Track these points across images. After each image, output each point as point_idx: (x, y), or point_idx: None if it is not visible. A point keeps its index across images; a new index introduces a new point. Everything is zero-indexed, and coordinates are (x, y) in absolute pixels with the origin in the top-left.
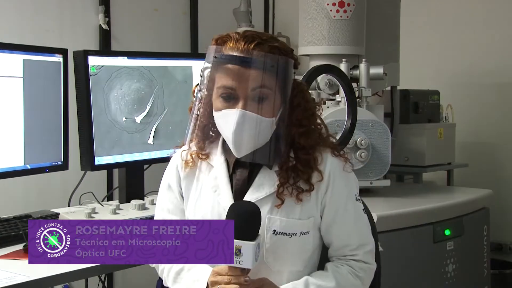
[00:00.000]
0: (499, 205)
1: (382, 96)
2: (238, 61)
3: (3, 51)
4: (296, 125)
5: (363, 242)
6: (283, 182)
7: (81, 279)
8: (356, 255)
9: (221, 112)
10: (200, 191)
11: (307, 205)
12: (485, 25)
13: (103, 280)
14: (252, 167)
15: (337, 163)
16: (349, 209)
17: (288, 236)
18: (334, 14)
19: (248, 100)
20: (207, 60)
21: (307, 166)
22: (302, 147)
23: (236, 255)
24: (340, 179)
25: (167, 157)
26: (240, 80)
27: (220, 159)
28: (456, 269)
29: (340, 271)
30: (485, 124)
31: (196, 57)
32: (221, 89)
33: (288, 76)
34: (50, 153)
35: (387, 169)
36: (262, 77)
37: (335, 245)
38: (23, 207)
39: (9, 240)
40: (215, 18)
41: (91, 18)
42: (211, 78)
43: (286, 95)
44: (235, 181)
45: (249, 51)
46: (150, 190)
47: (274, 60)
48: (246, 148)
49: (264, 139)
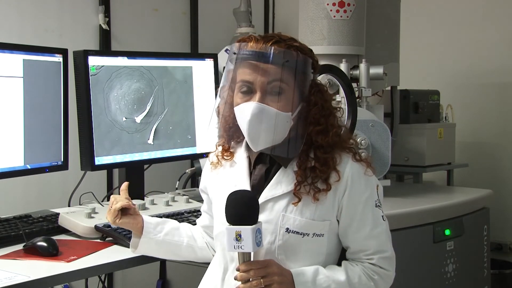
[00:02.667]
0: (499, 205)
1: (382, 96)
2: (255, 56)
3: (3, 51)
4: (313, 123)
5: (380, 249)
6: (300, 181)
7: (81, 279)
8: (372, 259)
9: (239, 106)
10: (224, 186)
11: (323, 207)
12: (485, 25)
13: (103, 280)
14: (271, 165)
15: (357, 167)
16: (367, 214)
17: (301, 236)
18: (334, 14)
19: (264, 94)
20: (229, 58)
21: (326, 165)
22: (320, 146)
23: (237, 240)
24: (359, 183)
25: (167, 157)
26: (257, 74)
27: (243, 155)
28: (456, 269)
29: (354, 269)
30: (485, 124)
31: (196, 57)
32: (240, 83)
33: (304, 73)
34: (50, 153)
35: (387, 169)
36: (277, 71)
37: (352, 249)
38: (23, 207)
39: (9, 240)
40: (215, 18)
41: (91, 18)
42: (233, 77)
43: (302, 91)
44: (253, 176)
45: (266, 47)
46: (150, 190)
47: (289, 55)
48: (262, 141)
49: (280, 133)
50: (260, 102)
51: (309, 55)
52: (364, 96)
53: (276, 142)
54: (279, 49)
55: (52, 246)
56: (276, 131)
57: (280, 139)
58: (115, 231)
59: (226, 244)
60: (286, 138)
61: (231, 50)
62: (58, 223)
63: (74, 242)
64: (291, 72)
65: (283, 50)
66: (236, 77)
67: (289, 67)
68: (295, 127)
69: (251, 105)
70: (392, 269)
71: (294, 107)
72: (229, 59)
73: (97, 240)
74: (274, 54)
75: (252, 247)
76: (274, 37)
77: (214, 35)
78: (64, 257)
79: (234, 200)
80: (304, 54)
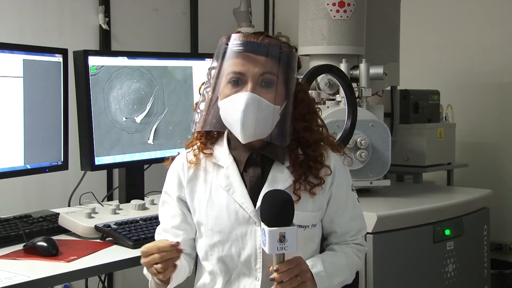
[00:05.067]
0: (499, 205)
1: (382, 96)
2: (247, 48)
3: (3, 51)
4: (300, 119)
5: (361, 228)
6: (297, 178)
7: (81, 279)
8: (356, 239)
9: (229, 97)
10: (211, 191)
11: (318, 198)
12: (485, 25)
13: (103, 280)
14: (263, 165)
15: (338, 157)
16: (350, 199)
17: (303, 228)
18: (334, 14)
19: (255, 85)
20: (215, 54)
21: (317, 162)
22: (307, 143)
23: (281, 241)
24: (341, 171)
25: (167, 157)
26: (250, 65)
27: (229, 158)
28: (456, 269)
29: (347, 251)
30: (485, 124)
31: (196, 57)
32: (230, 74)
33: (293, 69)
34: (50, 153)
35: (387, 169)
36: (270, 63)
37: (338, 232)
38: (23, 207)
39: (9, 240)
40: (215, 18)
41: (91, 18)
42: (220, 70)
43: (290, 86)
44: (249, 178)
45: (257, 40)
46: (150, 190)
47: (282, 48)
48: (252, 132)
49: (269, 126)
50: (252, 91)
51: (295, 52)
52: (364, 96)
53: (264, 134)
54: (272, 42)
55: (52, 246)
56: (266, 123)
57: (267, 132)
58: (115, 231)
59: (268, 246)
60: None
61: (221, 42)
62: (58, 223)
63: (74, 242)
64: (283, 65)
65: (275, 43)
66: (224, 68)
67: (281, 61)
68: (282, 121)
69: (245, 95)
70: (366, 244)
71: (282, 101)
72: (216, 54)
73: (97, 240)
74: (268, 46)
75: (296, 247)
76: (264, 33)
77: (214, 35)
78: (64, 257)
79: (279, 202)
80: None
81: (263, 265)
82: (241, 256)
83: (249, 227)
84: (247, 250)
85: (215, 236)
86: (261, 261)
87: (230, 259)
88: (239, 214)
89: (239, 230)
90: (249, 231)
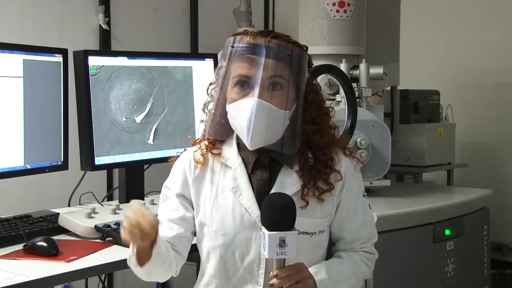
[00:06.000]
0: (499, 205)
1: (382, 96)
2: (254, 50)
3: (3, 51)
4: (310, 122)
5: (371, 235)
6: (305, 183)
7: (81, 279)
8: (365, 247)
9: (236, 102)
10: (217, 192)
11: (326, 204)
12: (485, 25)
13: (103, 280)
14: (272, 167)
15: (349, 162)
16: (360, 205)
17: (309, 235)
18: (334, 14)
19: (263, 89)
20: (223, 54)
21: (326, 166)
22: (317, 146)
23: (281, 246)
24: (353, 177)
25: (167, 157)
26: (256, 69)
27: (237, 160)
28: (456, 269)
29: (354, 259)
30: (485, 124)
31: (196, 57)
32: (237, 77)
33: (302, 70)
34: (50, 153)
35: (387, 169)
36: (277, 66)
37: (347, 239)
38: (23, 207)
39: (9, 240)
40: (215, 18)
41: (91, 18)
42: (227, 72)
43: (300, 89)
44: (256, 181)
45: (266, 41)
46: (150, 190)
47: (289, 50)
48: (260, 139)
49: (278, 131)
50: (259, 97)
51: (305, 52)
52: (364, 96)
53: (273, 140)
54: (281, 44)
55: (52, 246)
56: (275, 129)
57: (277, 137)
58: (115, 231)
59: (267, 250)
60: (282, 136)
61: (226, 44)
62: (58, 223)
63: (74, 242)
64: (290, 67)
65: (284, 44)
66: (231, 71)
67: (290, 63)
68: (292, 125)
69: (252, 101)
70: (376, 252)
71: (291, 105)
72: (223, 53)
73: (97, 240)
74: (275, 48)
75: (296, 252)
76: (272, 32)
77: (214, 35)
78: (64, 257)
79: (280, 205)
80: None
81: (266, 270)
82: (244, 261)
83: (254, 232)
84: (251, 255)
85: (218, 239)
86: (264, 266)
87: (232, 263)
88: (245, 218)
89: (243, 234)
90: (254, 236)
